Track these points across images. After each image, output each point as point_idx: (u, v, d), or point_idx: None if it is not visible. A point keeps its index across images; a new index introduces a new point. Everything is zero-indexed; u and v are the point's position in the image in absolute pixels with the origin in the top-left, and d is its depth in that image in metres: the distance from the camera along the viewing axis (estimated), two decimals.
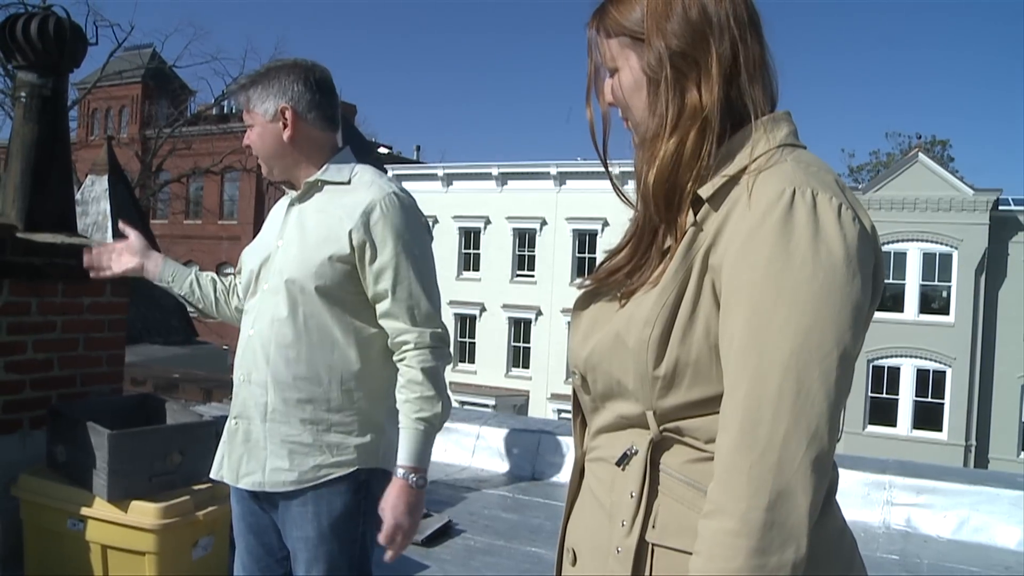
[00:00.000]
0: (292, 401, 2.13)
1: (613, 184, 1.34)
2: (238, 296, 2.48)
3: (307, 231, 2.18)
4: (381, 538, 2.07)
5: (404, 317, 2.13)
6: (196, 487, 3.14)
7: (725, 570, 1.01)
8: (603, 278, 1.28)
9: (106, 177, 14.67)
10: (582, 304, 1.32)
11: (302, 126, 2.23)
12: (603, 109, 1.30)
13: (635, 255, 1.25)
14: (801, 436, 1.01)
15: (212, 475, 2.29)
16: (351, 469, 2.16)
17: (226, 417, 2.31)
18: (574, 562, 1.29)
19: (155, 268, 2.46)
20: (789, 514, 1.00)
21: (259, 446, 2.16)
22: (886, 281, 26.15)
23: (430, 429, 2.12)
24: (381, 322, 2.17)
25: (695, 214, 1.15)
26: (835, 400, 1.02)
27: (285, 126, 2.22)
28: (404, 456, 2.10)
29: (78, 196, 13.97)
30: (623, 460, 1.19)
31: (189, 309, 2.63)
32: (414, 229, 2.20)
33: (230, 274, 2.56)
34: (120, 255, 2.48)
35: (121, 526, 3.00)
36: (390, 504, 2.07)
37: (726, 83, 1.16)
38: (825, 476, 1.03)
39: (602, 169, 1.32)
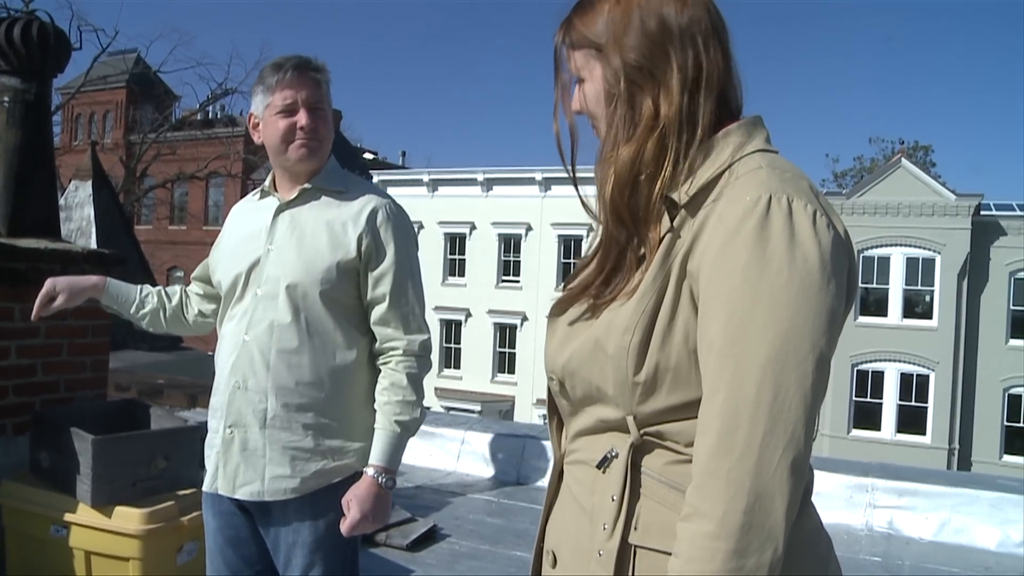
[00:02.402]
0: (294, 407, 2.13)
1: (581, 199, 1.33)
2: (193, 307, 2.50)
3: (306, 236, 2.18)
4: (344, 527, 2.06)
5: (397, 323, 2.18)
6: (181, 492, 3.12)
7: (703, 571, 1.02)
8: (577, 294, 1.28)
9: (90, 182, 14.62)
10: (558, 311, 1.31)
11: None
12: (569, 121, 1.30)
13: (604, 267, 1.25)
14: (779, 440, 1.02)
15: (205, 488, 2.25)
16: (350, 473, 2.17)
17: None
18: (554, 564, 1.29)
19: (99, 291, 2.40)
20: (767, 516, 1.01)
21: (257, 454, 2.14)
22: (871, 286, 26.11)
23: (406, 433, 2.14)
24: (373, 326, 2.20)
25: (671, 220, 1.15)
26: (811, 404, 1.04)
27: (333, 123, 2.30)
28: (377, 456, 2.11)
29: (62, 202, 13.89)
30: (604, 463, 1.20)
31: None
32: (410, 237, 2.28)
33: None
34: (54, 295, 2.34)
35: (105, 532, 2.98)
36: (358, 497, 2.06)
37: (689, 93, 1.16)
38: (802, 478, 1.04)
39: (587, 175, 1.33)
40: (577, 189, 1.34)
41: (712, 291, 1.09)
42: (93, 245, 13.27)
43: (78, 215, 14.40)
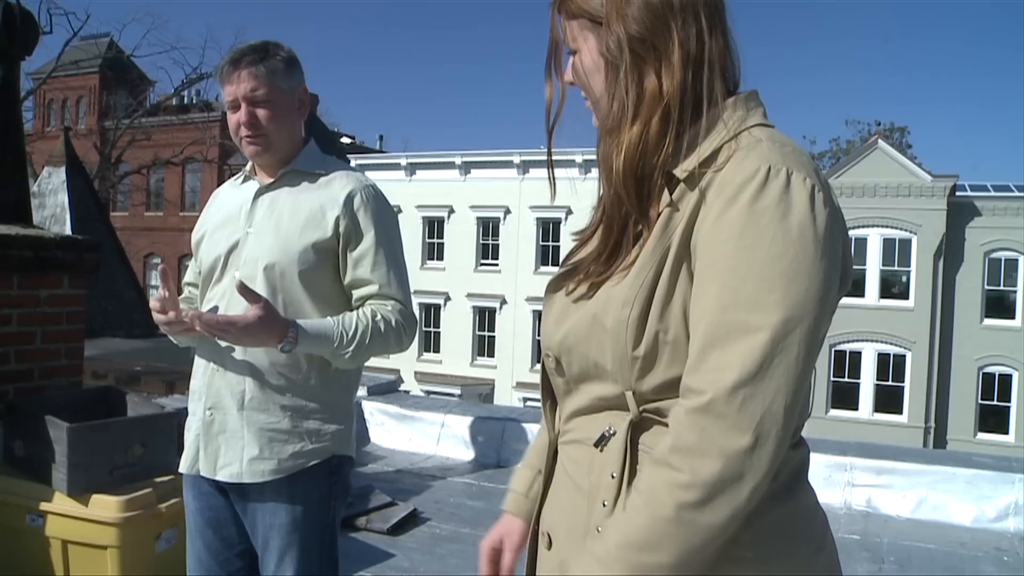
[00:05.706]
0: (270, 388, 2.12)
1: (549, 163, 1.31)
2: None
3: (284, 218, 2.17)
4: (206, 317, 1.95)
5: (378, 301, 2.18)
6: (159, 479, 3.10)
7: (657, 515, 1.04)
8: (575, 270, 1.27)
9: (64, 169, 14.46)
10: (555, 287, 1.30)
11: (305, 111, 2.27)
12: (561, 86, 1.28)
13: (606, 245, 1.23)
14: (756, 410, 1.02)
15: (181, 470, 2.25)
16: (327, 456, 2.17)
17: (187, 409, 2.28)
18: (549, 546, 1.28)
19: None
20: (736, 493, 1.02)
21: (236, 436, 2.14)
22: None
23: (347, 344, 2.08)
24: (356, 304, 2.19)
25: (671, 194, 1.15)
26: (795, 378, 1.03)
27: (300, 107, 2.25)
28: (307, 323, 2.04)
29: (35, 188, 13.73)
30: (601, 441, 1.18)
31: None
32: (391, 219, 2.27)
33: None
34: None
35: (82, 520, 2.96)
36: (248, 319, 1.94)
37: (689, 68, 1.15)
38: (774, 458, 1.03)
39: (566, 158, 1.31)
40: (550, 160, 1.30)
41: (706, 260, 1.08)
42: (67, 232, 13.13)
43: (52, 202, 14.24)
